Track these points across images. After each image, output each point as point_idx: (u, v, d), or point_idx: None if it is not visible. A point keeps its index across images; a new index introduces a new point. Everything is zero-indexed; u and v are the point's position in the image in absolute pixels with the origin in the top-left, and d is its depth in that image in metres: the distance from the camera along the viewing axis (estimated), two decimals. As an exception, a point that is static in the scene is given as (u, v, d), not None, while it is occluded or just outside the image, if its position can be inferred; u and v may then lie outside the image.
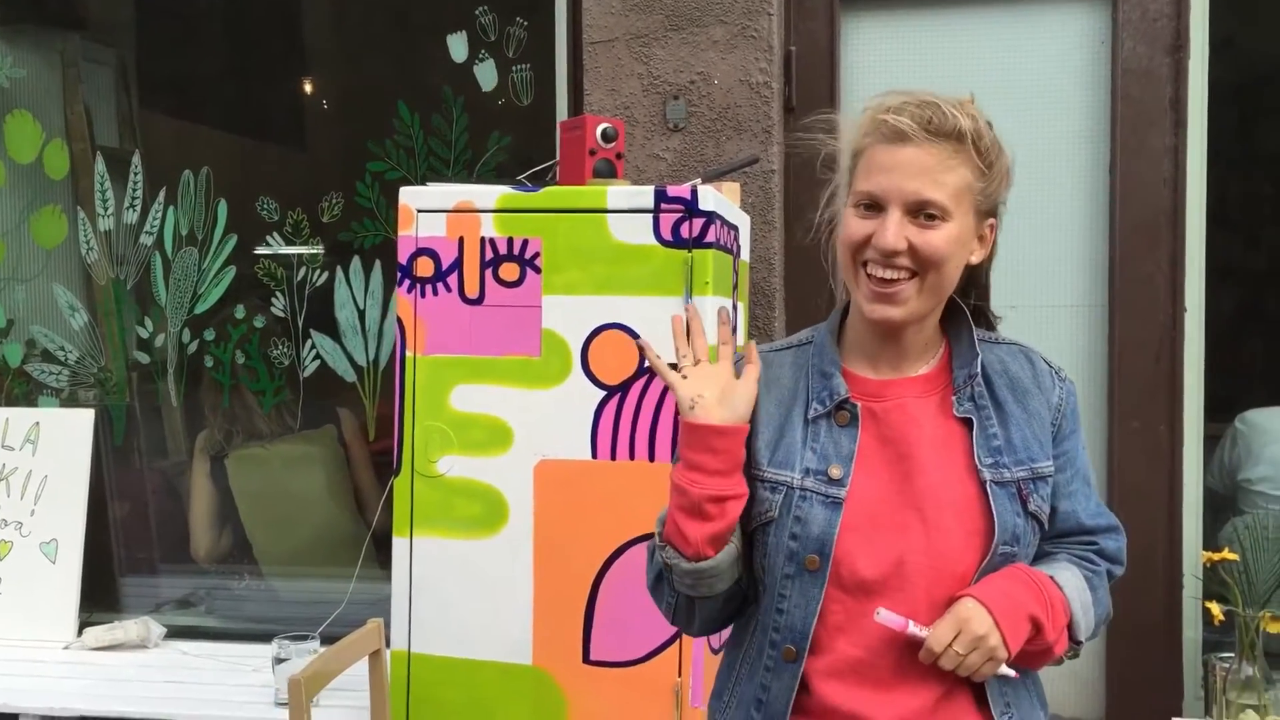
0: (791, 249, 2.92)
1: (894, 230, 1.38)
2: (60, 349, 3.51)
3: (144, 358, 3.46)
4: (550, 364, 2.31)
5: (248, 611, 3.46)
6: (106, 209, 3.45)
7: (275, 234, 3.36)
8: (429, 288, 2.36)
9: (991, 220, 1.45)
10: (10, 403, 3.54)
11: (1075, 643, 1.48)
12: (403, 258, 2.38)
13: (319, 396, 3.41)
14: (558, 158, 2.56)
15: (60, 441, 3.34)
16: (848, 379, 1.48)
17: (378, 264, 3.32)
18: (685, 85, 2.88)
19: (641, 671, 2.28)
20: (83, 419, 3.35)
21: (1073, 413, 1.51)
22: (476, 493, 2.35)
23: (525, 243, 2.31)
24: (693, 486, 1.38)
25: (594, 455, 2.29)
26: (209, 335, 3.43)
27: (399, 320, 2.38)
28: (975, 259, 1.45)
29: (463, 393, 2.35)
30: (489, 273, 2.33)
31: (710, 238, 2.23)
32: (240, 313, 3.41)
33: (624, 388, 2.28)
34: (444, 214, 2.35)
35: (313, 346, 3.37)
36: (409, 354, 2.38)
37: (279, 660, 2.71)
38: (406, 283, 2.37)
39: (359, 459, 3.39)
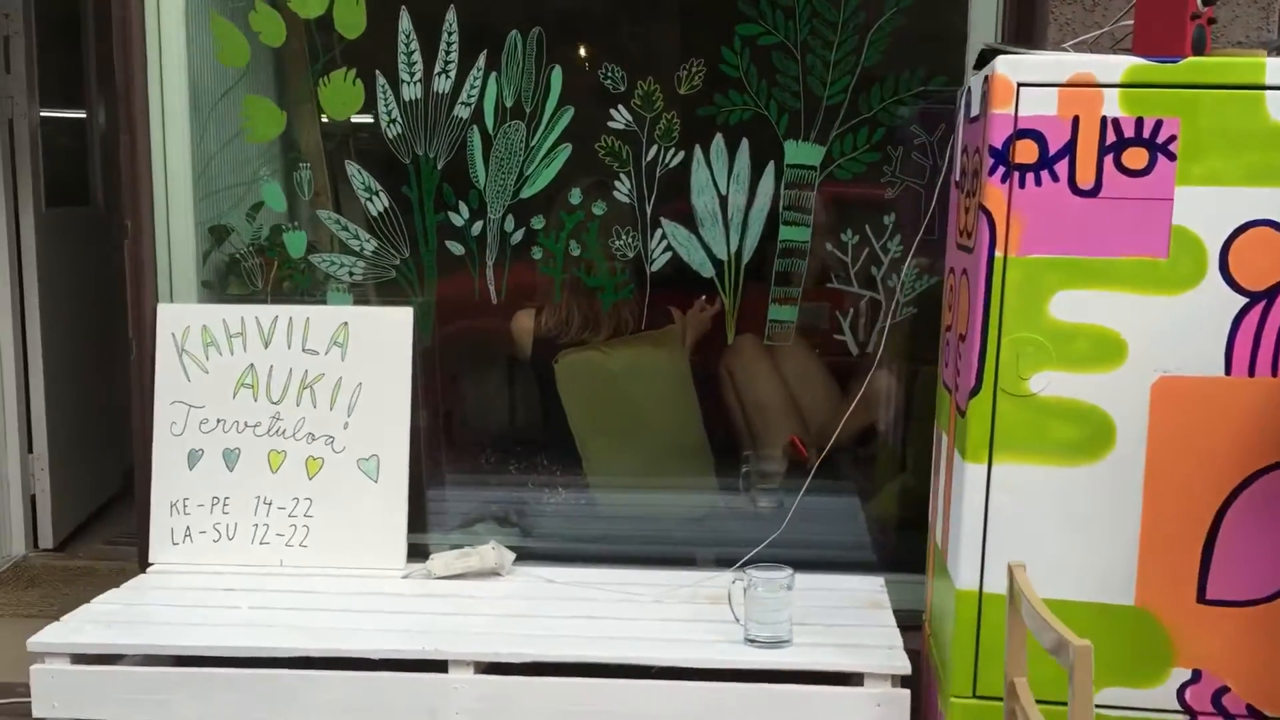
0: None
1: None
2: (354, 237, 3.05)
3: (457, 248, 3.02)
4: (1179, 266, 1.99)
5: (571, 530, 3.13)
6: (413, 75, 2.96)
7: (621, 107, 2.93)
8: (1030, 176, 2.01)
9: None
10: (282, 298, 3.08)
11: None
12: (996, 140, 2.01)
13: (668, 293, 3.04)
14: (1127, 19, 2.20)
15: (375, 343, 2.92)
16: None
17: (744, 143, 2.92)
18: (1175, -59, 2.52)
19: (1269, 610, 2.04)
20: (400, 317, 2.92)
21: None
22: (1076, 414, 2.05)
23: (1158, 124, 1.97)
24: None
25: (1227, 371, 2.00)
26: (537, 223, 3.01)
27: (987, 215, 2.03)
28: None
29: (1065, 299, 2.03)
30: (1109, 159, 1.99)
31: (1390, 121, 1.92)
32: (576, 197, 2.99)
33: (1271, 294, 1.98)
34: (1054, 89, 1.99)
35: (663, 237, 2.98)
36: (998, 254, 2.04)
37: (750, 590, 2.40)
38: (1000, 170, 2.02)
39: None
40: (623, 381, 3.07)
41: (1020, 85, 2.00)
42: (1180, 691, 2.08)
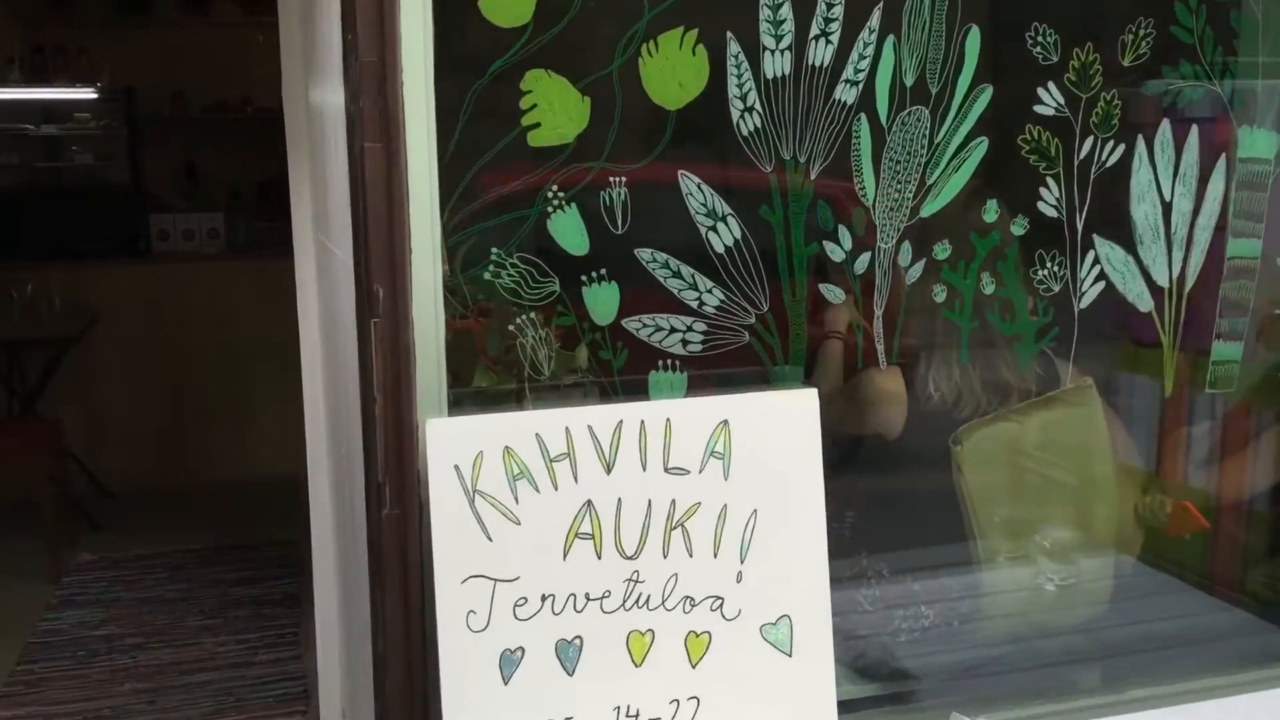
0: None
1: None
2: (688, 285, 2.01)
3: (833, 295, 2.07)
4: None
5: (969, 661, 2.30)
6: (779, 40, 1.97)
7: (1051, 85, 2.12)
8: None
9: None
10: (545, 397, 2.00)
11: None
12: None
13: (1094, 336, 2.27)
14: None
15: (769, 447, 1.92)
16: None
17: (1194, 132, 2.21)
18: None
19: None
20: (803, 405, 1.94)
21: None
22: None
23: None
24: None
25: None
26: (941, 252, 2.13)
27: None
28: None
29: None
30: None
31: None
32: (991, 213, 2.15)
33: None
34: None
35: (1095, 262, 2.20)
36: None
37: None
38: None
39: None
40: (1041, 459, 2.27)
41: None
42: None
